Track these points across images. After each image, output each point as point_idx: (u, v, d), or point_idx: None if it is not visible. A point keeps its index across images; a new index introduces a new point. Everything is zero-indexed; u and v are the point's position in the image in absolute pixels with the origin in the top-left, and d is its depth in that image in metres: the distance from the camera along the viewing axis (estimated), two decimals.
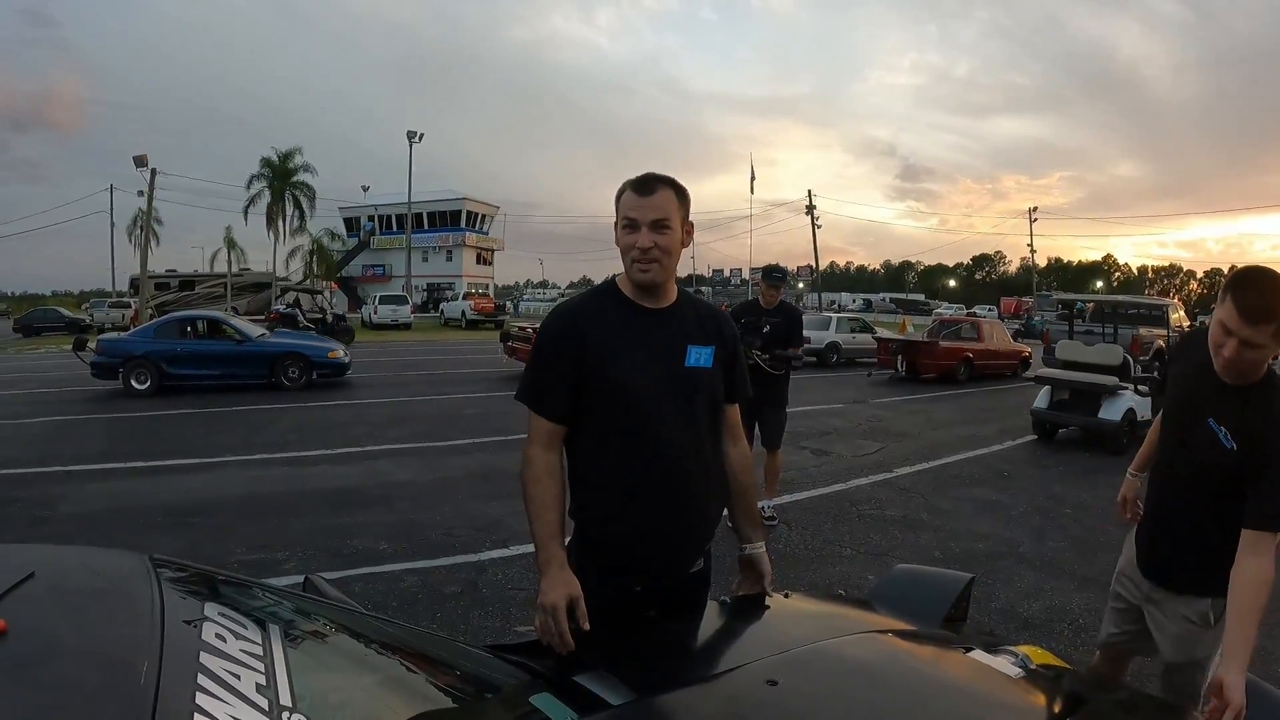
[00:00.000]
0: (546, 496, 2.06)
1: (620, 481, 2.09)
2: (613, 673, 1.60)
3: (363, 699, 1.26)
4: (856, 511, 7.07)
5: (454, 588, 5.01)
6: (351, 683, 1.31)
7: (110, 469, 8.07)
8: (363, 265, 64.27)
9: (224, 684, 0.96)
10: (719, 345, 2.19)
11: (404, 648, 1.53)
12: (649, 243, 2.04)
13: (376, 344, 28.35)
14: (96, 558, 1.39)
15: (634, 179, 2.11)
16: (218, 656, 1.04)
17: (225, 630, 1.15)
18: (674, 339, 2.12)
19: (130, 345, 14.22)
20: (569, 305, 2.23)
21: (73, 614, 1.12)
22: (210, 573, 1.44)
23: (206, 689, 0.93)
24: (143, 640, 1.01)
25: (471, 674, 1.58)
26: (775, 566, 5.51)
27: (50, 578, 1.18)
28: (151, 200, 44.78)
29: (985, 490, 8.07)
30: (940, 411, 13.97)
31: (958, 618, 2.17)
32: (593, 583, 2.01)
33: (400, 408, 12.90)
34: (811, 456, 9.35)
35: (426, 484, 7.69)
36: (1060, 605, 5.05)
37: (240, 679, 1.00)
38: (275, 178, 52.21)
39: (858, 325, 23.53)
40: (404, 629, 1.71)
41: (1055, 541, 6.39)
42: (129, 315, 38.23)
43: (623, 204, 2.08)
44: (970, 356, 18.92)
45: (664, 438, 2.07)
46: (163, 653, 0.97)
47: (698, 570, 2.23)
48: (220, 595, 1.33)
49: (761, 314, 6.42)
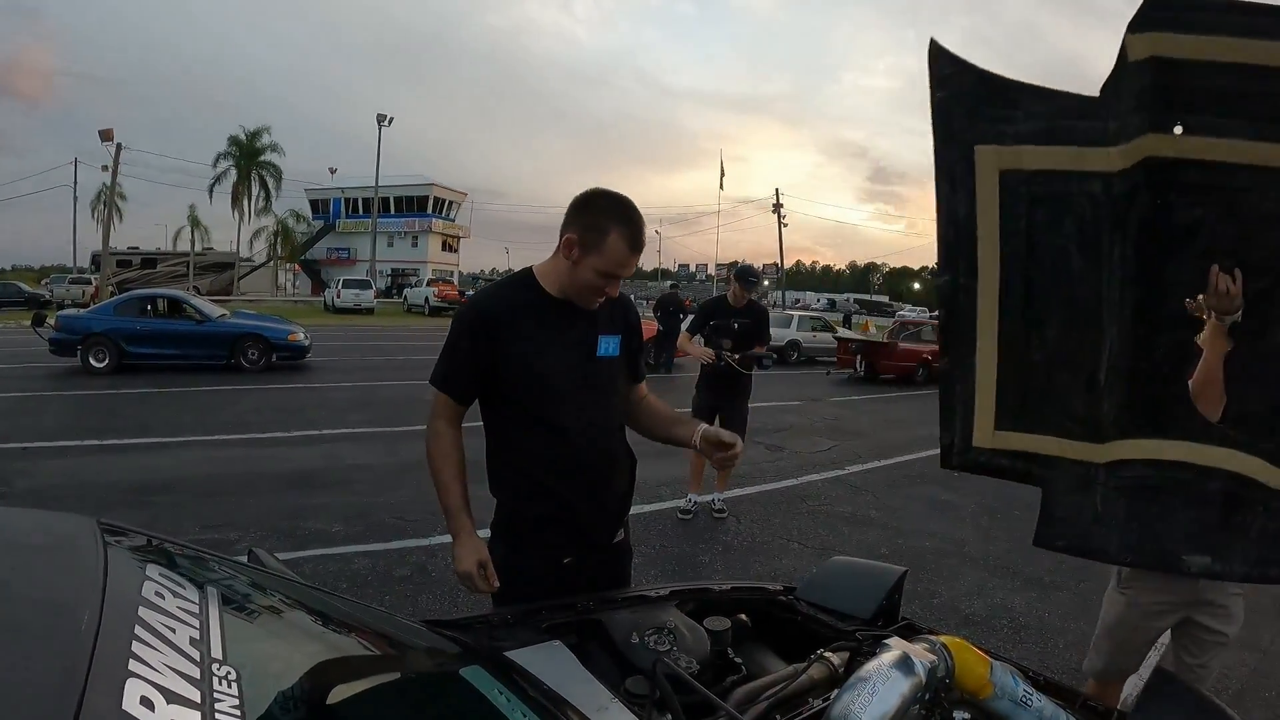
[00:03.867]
0: (454, 469, 2.26)
1: (537, 465, 2.21)
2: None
3: (294, 660, 1.31)
4: (806, 507, 7.19)
5: (404, 570, 5.06)
6: (284, 645, 1.36)
7: (67, 446, 8.01)
8: (327, 248, 63.61)
9: (159, 635, 1.01)
10: (625, 333, 2.32)
11: (339, 617, 1.58)
12: (616, 292, 2.20)
13: (339, 328, 28.15)
14: (44, 518, 1.44)
15: (625, 222, 2.09)
16: (155, 611, 1.09)
17: (164, 589, 1.19)
18: (586, 331, 2.23)
19: (90, 322, 14.06)
20: (484, 296, 2.31)
21: (18, 566, 1.17)
22: (156, 538, 1.48)
23: (142, 638, 0.97)
24: (84, 591, 1.05)
25: (404, 644, 1.63)
26: (721, 558, 5.63)
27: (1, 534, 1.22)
28: (116, 175, 44.17)
29: (936, 490, 8.21)
30: (897, 412, 14.18)
31: (891, 610, 2.25)
32: (521, 558, 2.19)
33: (362, 392, 12.92)
34: (766, 452, 9.46)
35: (384, 468, 7.72)
36: (1002, 603, 5.19)
37: (175, 632, 1.04)
38: (242, 157, 51.81)
39: (818, 324, 23.71)
40: (342, 600, 1.76)
41: (1002, 542, 6.53)
42: (89, 292, 37.71)
43: (610, 252, 2.07)
44: (929, 359, 19.11)
45: (578, 425, 2.20)
46: (104, 604, 1.02)
47: (619, 541, 2.37)
48: (163, 559, 1.38)
49: (731, 313, 6.51)
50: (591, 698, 1.57)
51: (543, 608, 2.02)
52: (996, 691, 1.63)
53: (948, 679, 1.58)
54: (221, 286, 45.98)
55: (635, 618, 1.92)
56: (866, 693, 1.45)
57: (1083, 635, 4.75)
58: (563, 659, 1.74)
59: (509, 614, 1.99)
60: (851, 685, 1.49)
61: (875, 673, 1.50)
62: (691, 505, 6.62)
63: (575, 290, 2.16)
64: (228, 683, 0.98)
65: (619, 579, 2.38)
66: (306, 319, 22.95)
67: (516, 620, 1.96)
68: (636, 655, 1.76)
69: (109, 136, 42.91)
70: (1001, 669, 1.68)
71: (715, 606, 2.14)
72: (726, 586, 2.35)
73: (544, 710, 1.39)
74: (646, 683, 1.64)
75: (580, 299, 2.18)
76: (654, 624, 1.85)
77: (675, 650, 1.75)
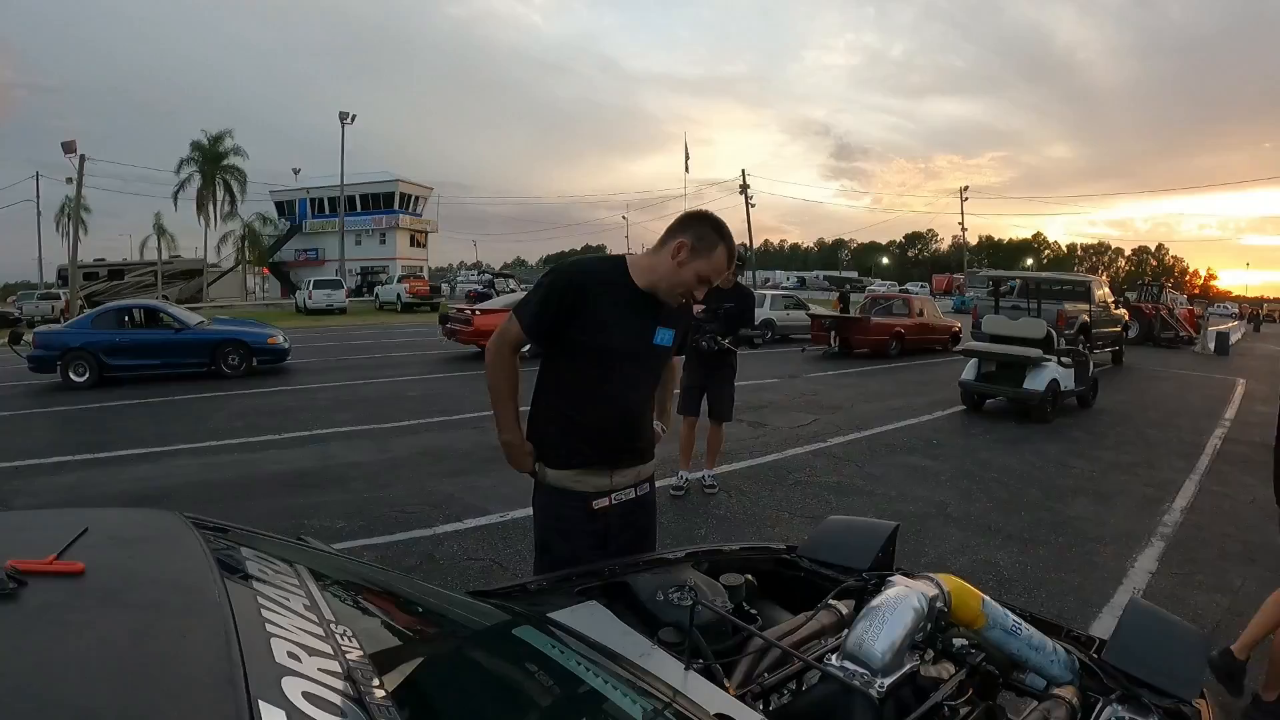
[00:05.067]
0: (511, 389, 2.60)
1: (581, 415, 2.59)
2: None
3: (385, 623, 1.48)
4: (793, 479, 7.40)
5: (412, 560, 5.19)
6: (373, 610, 1.53)
7: (60, 462, 8.02)
8: (295, 250, 63.07)
9: (279, 603, 1.16)
10: (678, 329, 2.70)
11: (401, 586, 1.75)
12: (700, 295, 2.56)
13: (313, 329, 28.04)
14: (135, 514, 1.58)
15: (732, 247, 2.53)
16: (266, 584, 1.25)
17: (265, 567, 1.36)
18: (651, 321, 2.56)
19: (67, 337, 13.92)
20: (583, 266, 2.64)
21: (134, 555, 1.31)
22: (233, 526, 1.64)
23: (267, 606, 1.13)
24: (203, 570, 1.21)
25: (462, 612, 1.79)
26: (717, 530, 5.81)
27: (103, 530, 1.34)
28: (80, 188, 43.50)
29: (916, 458, 8.46)
30: (873, 385, 14.41)
31: (885, 562, 2.43)
32: (559, 499, 2.60)
33: (345, 391, 12.95)
34: (749, 429, 9.66)
35: (377, 464, 7.83)
36: (986, 559, 5.44)
37: (290, 600, 1.20)
38: (205, 161, 51.14)
39: (791, 303, 23.87)
40: (397, 574, 1.93)
41: (981, 503, 6.79)
42: (59, 307, 37.25)
43: (716, 261, 2.48)
44: (901, 332, 19.43)
45: (622, 395, 2.61)
46: (224, 578, 1.18)
47: (644, 495, 2.74)
48: (250, 541, 1.54)
49: (719, 295, 6.42)
50: (633, 647, 1.74)
51: (572, 574, 2.20)
52: (989, 622, 1.82)
53: (945, 609, 1.77)
54: (190, 294, 45.57)
55: (657, 579, 2.10)
56: (877, 622, 1.63)
57: (1064, 585, 5.01)
58: (601, 616, 1.91)
59: (544, 580, 2.19)
60: (864, 616, 1.68)
61: (883, 603, 1.69)
62: (683, 482, 6.80)
63: (669, 285, 2.51)
64: (348, 638, 1.14)
65: (644, 528, 2.77)
66: (280, 322, 22.80)
67: (551, 586, 2.15)
68: (663, 611, 1.94)
69: (72, 148, 42.19)
70: (992, 602, 1.87)
71: (726, 566, 2.33)
72: (736, 547, 2.56)
73: (594, 660, 1.54)
74: (677, 632, 1.82)
75: (669, 295, 2.53)
76: (675, 583, 2.03)
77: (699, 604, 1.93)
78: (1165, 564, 5.51)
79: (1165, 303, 29.45)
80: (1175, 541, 6.00)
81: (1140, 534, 6.13)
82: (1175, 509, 6.87)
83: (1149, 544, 5.90)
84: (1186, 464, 8.70)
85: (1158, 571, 5.36)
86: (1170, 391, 15.59)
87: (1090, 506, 6.88)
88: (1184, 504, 7.05)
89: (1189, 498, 7.29)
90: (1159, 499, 7.20)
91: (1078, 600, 4.81)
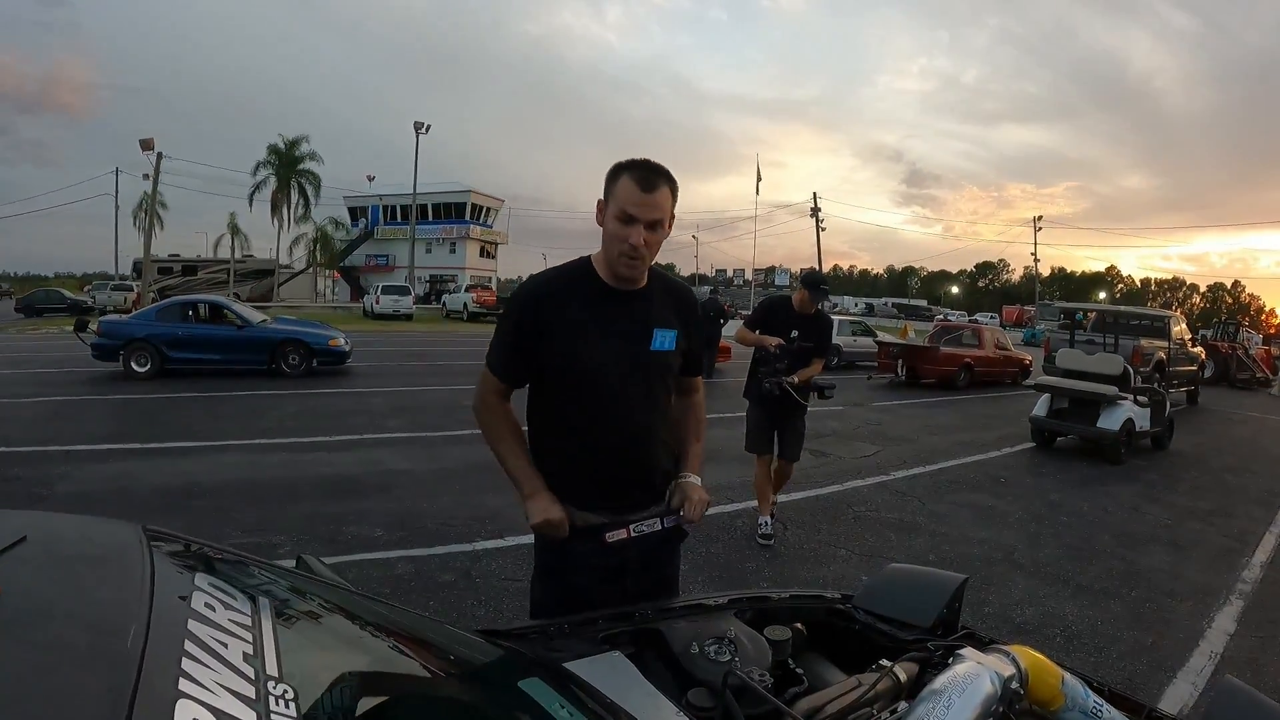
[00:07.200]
0: (514, 436, 2.30)
1: (580, 449, 2.24)
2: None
3: (351, 676, 1.26)
4: (853, 513, 7.08)
5: (448, 576, 5.03)
6: (339, 658, 1.32)
7: (109, 450, 8.07)
8: (366, 255, 64.16)
9: (211, 651, 0.96)
10: (681, 330, 2.28)
11: (394, 627, 1.54)
12: (640, 241, 2.10)
13: (378, 334, 28.32)
14: (89, 525, 1.40)
15: (634, 166, 2.12)
16: (206, 625, 1.04)
17: (215, 600, 1.15)
18: (642, 322, 2.21)
19: (132, 328, 14.17)
20: (538, 283, 2.29)
21: (63, 578, 1.13)
22: (202, 545, 1.44)
23: (193, 655, 0.93)
24: (132, 605, 1.01)
25: (462, 656, 1.58)
26: (768, 565, 5.54)
27: (42, 541, 1.18)
28: (156, 184, 44.88)
29: (982, 496, 8.08)
30: (939, 417, 13.98)
31: (950, 619, 2.17)
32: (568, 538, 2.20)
33: (401, 397, 12.93)
34: (810, 458, 9.33)
35: (425, 473, 7.70)
36: (1053, 611, 5.07)
37: (227, 647, 1.00)
38: (281, 165, 52.45)
39: (859, 329, 23.46)
40: (395, 609, 1.71)
41: (1050, 549, 6.41)
42: (131, 298, 38.27)
43: (621, 194, 2.09)
44: (970, 363, 18.91)
45: (625, 417, 2.23)
46: (150, 618, 0.97)
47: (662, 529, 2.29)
48: (211, 567, 1.33)
49: (793, 318, 5.87)
50: (654, 711, 1.52)
51: (599, 617, 1.96)
52: (1068, 703, 1.61)
53: (1020, 690, 1.54)
54: (261, 293, 46.44)
55: (694, 627, 1.86)
56: (942, 706, 1.40)
57: (1136, 644, 4.65)
58: (623, 670, 1.69)
59: (565, 623, 1.93)
60: (925, 698, 1.45)
61: (950, 685, 1.46)
62: (769, 529, 6.17)
63: (611, 255, 2.14)
64: (284, 702, 0.93)
65: (663, 566, 2.37)
66: (346, 325, 23.09)
67: (573, 630, 1.91)
68: (697, 666, 1.71)
69: (149, 146, 43.57)
70: (1072, 679, 1.64)
71: (772, 615, 2.08)
72: (785, 595, 2.28)
73: None
74: (709, 695, 1.59)
75: (617, 265, 2.15)
76: (714, 634, 1.79)
77: (736, 661, 1.69)
78: (1244, 624, 5.11)
79: (1241, 341, 28.42)
80: (1256, 600, 5.59)
81: (1218, 589, 5.72)
82: (1255, 564, 6.44)
83: (1227, 601, 5.50)
84: (1266, 513, 8.21)
85: (1236, 633, 4.96)
86: (1247, 435, 14.92)
87: (1165, 557, 6.46)
88: (1264, 558, 6.61)
89: (1269, 551, 6.83)
90: (1237, 550, 6.77)
91: (1150, 663, 4.44)
